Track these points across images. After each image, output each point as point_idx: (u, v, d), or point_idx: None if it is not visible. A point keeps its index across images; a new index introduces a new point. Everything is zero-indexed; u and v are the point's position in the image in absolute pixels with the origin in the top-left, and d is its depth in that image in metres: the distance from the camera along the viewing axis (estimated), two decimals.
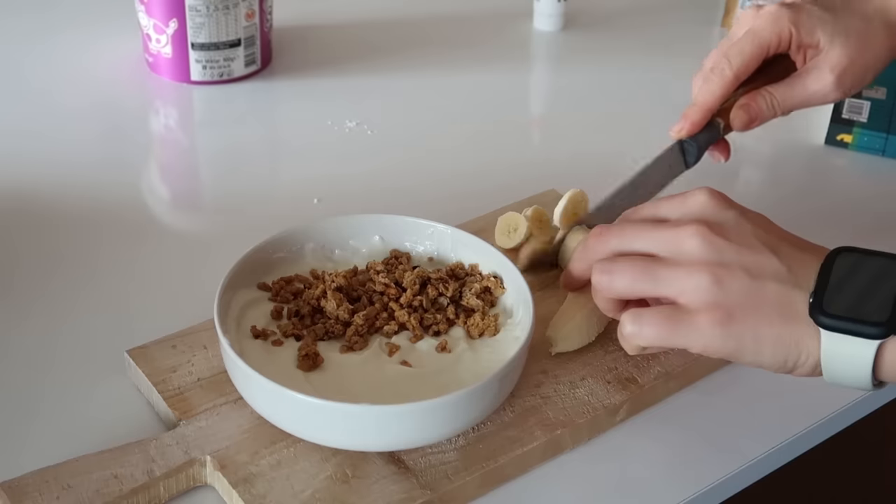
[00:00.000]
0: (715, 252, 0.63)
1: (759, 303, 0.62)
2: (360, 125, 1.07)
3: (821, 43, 0.79)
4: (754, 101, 0.80)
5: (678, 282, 0.63)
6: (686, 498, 0.69)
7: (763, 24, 0.79)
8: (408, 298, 0.74)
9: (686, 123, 0.80)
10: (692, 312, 0.63)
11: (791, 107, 0.80)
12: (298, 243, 0.78)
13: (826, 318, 0.60)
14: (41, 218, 0.92)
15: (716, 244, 0.63)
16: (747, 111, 0.80)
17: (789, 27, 0.79)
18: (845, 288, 0.61)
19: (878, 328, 0.59)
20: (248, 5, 1.09)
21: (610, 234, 0.68)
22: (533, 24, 1.28)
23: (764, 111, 0.80)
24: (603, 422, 0.72)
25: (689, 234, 0.64)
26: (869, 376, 0.61)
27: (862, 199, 1.00)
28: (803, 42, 0.79)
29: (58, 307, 0.81)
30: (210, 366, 0.73)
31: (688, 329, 0.63)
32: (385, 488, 0.65)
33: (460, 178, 1.00)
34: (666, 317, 0.63)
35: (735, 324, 0.62)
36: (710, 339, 0.62)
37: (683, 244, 0.64)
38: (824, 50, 0.79)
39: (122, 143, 1.04)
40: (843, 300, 0.60)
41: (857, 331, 0.60)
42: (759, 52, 0.79)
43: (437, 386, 0.68)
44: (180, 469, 0.65)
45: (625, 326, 0.65)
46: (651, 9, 1.36)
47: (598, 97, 1.17)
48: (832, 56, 0.78)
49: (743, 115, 0.80)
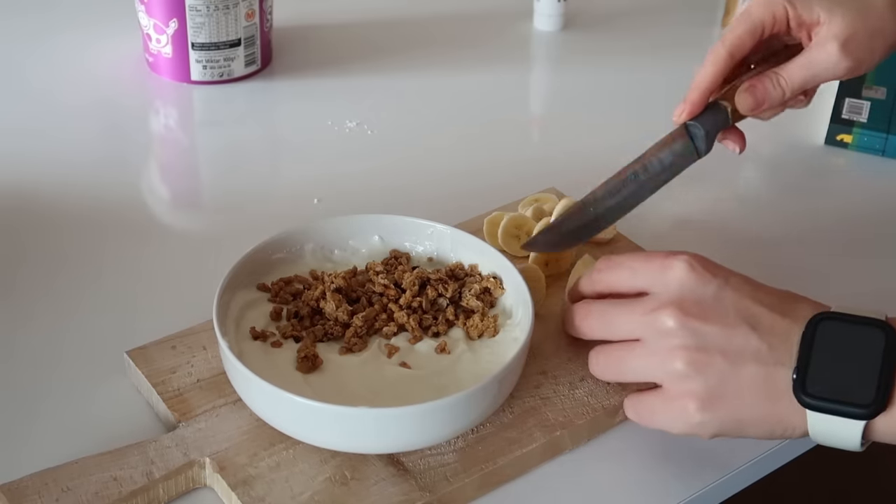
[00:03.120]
0: (691, 336, 0.64)
1: (739, 387, 0.63)
2: (360, 125, 1.07)
3: (821, 17, 0.77)
4: (759, 82, 0.78)
5: (657, 370, 0.66)
6: (685, 498, 0.69)
7: (756, 3, 0.79)
8: (407, 299, 0.74)
9: (686, 105, 0.79)
10: (670, 391, 0.65)
11: (800, 83, 0.77)
12: (298, 244, 0.78)
13: (809, 399, 0.61)
14: (40, 218, 0.92)
15: (692, 328, 0.64)
16: (752, 92, 0.78)
17: (783, 4, 0.77)
18: (827, 365, 0.61)
19: (863, 409, 0.60)
20: (248, 5, 1.09)
21: (592, 317, 0.70)
22: (533, 24, 1.28)
23: (770, 91, 0.77)
24: (602, 423, 0.72)
25: (666, 318, 0.65)
26: (858, 445, 0.62)
27: (862, 199, 1.00)
28: (802, 19, 0.77)
29: (56, 308, 0.81)
30: (209, 367, 0.73)
31: (670, 413, 0.66)
32: (384, 490, 0.65)
33: (460, 177, 1.00)
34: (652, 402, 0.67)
35: (715, 409, 0.64)
36: (692, 425, 0.65)
37: (660, 329, 0.65)
38: (825, 23, 0.76)
39: (122, 143, 1.04)
40: (827, 379, 0.61)
41: (842, 412, 0.61)
42: (751, 29, 0.78)
43: (437, 387, 0.68)
44: (179, 471, 0.65)
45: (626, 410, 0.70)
46: (651, 9, 1.36)
47: (598, 97, 1.16)
48: (834, 25, 0.76)
49: (748, 96, 0.78)
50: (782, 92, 0.77)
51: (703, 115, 0.79)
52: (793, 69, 0.77)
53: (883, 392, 0.60)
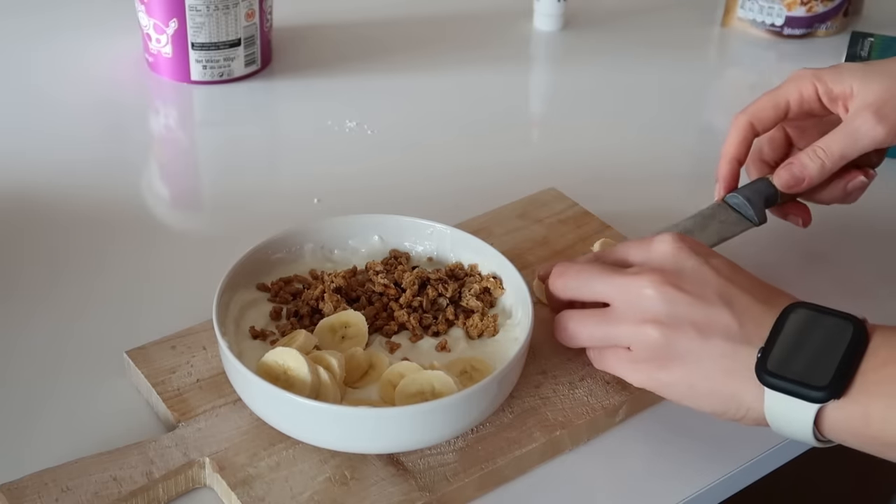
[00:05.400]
0: (666, 304, 0.64)
1: (700, 358, 0.64)
2: (360, 125, 1.07)
3: (854, 88, 0.78)
4: (796, 158, 0.79)
5: (629, 336, 0.66)
6: (685, 498, 0.69)
7: (787, 80, 0.81)
8: (407, 299, 0.74)
9: (718, 180, 0.82)
10: (637, 354, 0.66)
11: (839, 154, 0.78)
12: (297, 244, 0.78)
13: (768, 377, 0.62)
14: (40, 218, 0.92)
15: (668, 296, 0.64)
16: (789, 168, 0.79)
17: (812, 80, 0.79)
18: (793, 348, 0.62)
19: (818, 392, 0.60)
20: (248, 5, 1.09)
21: (568, 275, 0.70)
22: (533, 24, 1.28)
23: (808, 165, 0.78)
24: (602, 422, 0.72)
25: (644, 284, 0.65)
26: (810, 435, 0.62)
27: (862, 199, 1.00)
28: (834, 93, 0.79)
29: (56, 307, 0.81)
30: (209, 367, 0.73)
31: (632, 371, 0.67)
32: (384, 490, 0.65)
33: (460, 177, 1.00)
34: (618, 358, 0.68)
35: (675, 377, 0.65)
36: (648, 382, 0.67)
37: (637, 293, 0.65)
38: (859, 93, 0.78)
39: (122, 143, 1.04)
40: (789, 360, 0.62)
41: (797, 392, 0.61)
42: (774, 101, 0.80)
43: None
44: (179, 471, 0.65)
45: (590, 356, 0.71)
46: (651, 9, 1.36)
47: (598, 97, 1.16)
48: (867, 93, 0.77)
49: (784, 172, 0.79)
50: (821, 163, 0.78)
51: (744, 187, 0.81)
52: (830, 141, 0.78)
53: (839, 378, 0.60)
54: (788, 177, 0.79)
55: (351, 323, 0.72)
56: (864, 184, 0.82)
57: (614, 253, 0.72)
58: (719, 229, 0.80)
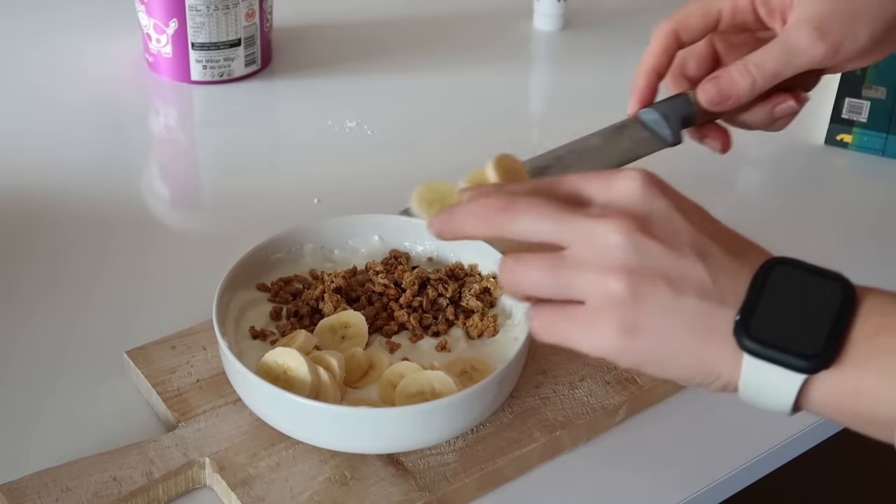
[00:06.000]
0: (636, 254, 0.54)
1: (673, 318, 0.54)
2: (360, 125, 1.07)
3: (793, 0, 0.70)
4: (725, 71, 0.70)
5: (586, 287, 0.54)
6: (685, 498, 0.69)
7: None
8: (407, 299, 0.74)
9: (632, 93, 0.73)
10: (595, 311, 0.54)
11: (773, 71, 0.70)
12: (297, 244, 0.78)
13: (750, 342, 0.53)
14: (40, 218, 0.92)
15: (638, 244, 0.54)
16: (716, 83, 0.71)
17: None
18: (777, 310, 0.53)
19: (808, 361, 0.52)
20: (248, 5, 1.09)
21: (517, 209, 0.56)
22: (533, 24, 1.28)
23: (737, 80, 0.70)
24: (602, 422, 0.72)
25: (610, 230, 0.54)
26: (789, 408, 0.54)
27: (862, 199, 1.00)
28: (772, 2, 0.70)
29: (56, 308, 0.81)
30: (209, 367, 0.73)
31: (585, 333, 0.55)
32: (384, 490, 0.65)
33: (460, 177, 1.00)
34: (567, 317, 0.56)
35: (640, 337, 0.54)
36: (608, 347, 0.55)
37: (601, 240, 0.54)
38: (800, 4, 0.69)
39: (122, 143, 1.04)
40: (773, 324, 0.53)
41: (783, 361, 0.53)
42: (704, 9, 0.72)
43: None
44: (179, 471, 0.65)
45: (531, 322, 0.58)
46: (651, 9, 1.35)
47: (598, 97, 1.16)
48: (809, 5, 0.69)
49: (710, 87, 0.71)
50: (752, 80, 0.70)
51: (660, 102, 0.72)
52: (763, 55, 0.70)
53: (831, 347, 0.52)
54: (714, 92, 0.71)
55: (351, 323, 0.72)
56: (793, 109, 0.74)
57: (563, 184, 0.58)
58: (628, 147, 0.72)
